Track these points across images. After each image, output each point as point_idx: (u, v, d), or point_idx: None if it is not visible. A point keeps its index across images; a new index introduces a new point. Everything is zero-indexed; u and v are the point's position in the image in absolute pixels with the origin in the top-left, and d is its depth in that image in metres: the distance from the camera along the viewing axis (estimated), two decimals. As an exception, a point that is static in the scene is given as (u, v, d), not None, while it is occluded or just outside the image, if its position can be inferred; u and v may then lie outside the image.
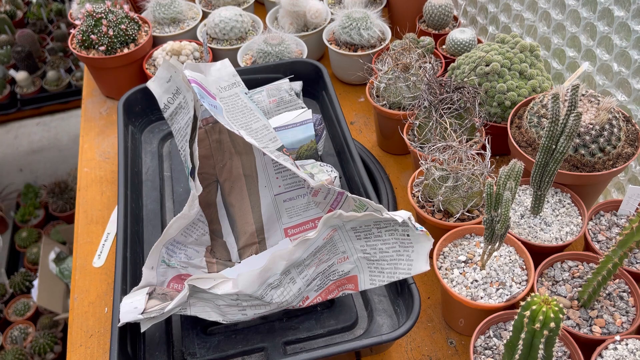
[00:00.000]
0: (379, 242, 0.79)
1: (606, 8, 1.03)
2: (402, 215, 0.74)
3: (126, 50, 1.35)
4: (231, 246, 0.99)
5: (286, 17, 1.47)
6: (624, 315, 0.81)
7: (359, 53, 1.34)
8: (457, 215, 0.93)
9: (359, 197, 0.84)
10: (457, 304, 0.86)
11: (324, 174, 0.99)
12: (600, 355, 0.77)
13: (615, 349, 0.77)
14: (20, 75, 2.54)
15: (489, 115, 1.11)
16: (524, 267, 0.87)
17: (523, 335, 0.67)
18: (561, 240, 0.91)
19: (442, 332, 0.94)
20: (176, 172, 1.15)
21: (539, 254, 0.88)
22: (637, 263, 0.89)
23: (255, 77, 1.22)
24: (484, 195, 0.90)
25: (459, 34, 1.29)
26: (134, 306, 0.80)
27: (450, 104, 1.01)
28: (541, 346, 0.66)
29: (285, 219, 0.98)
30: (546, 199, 0.96)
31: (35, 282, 2.01)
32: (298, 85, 1.19)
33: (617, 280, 0.85)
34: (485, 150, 0.94)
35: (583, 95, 0.98)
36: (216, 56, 1.45)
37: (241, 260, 0.97)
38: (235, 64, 1.38)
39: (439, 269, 0.88)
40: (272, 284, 0.75)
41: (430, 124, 1.02)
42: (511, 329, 0.70)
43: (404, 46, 1.16)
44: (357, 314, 0.88)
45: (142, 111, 1.24)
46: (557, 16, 1.16)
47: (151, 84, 1.20)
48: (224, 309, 0.79)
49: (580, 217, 0.94)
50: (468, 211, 0.94)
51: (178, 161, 1.18)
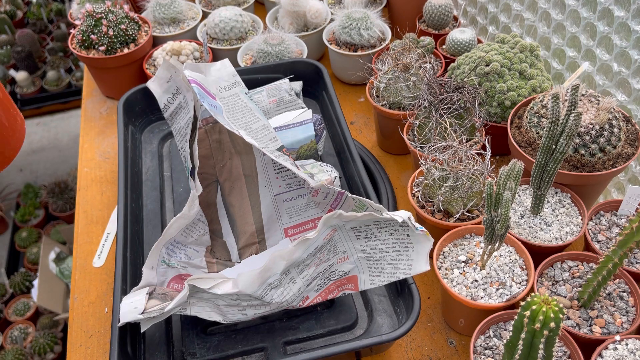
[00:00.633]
0: (379, 242, 0.79)
1: (606, 8, 1.03)
2: (402, 215, 0.74)
3: (126, 50, 1.35)
4: (231, 246, 0.99)
5: (286, 17, 1.46)
6: (624, 315, 0.81)
7: (359, 53, 1.34)
8: (457, 215, 0.93)
9: (359, 197, 0.84)
10: (457, 304, 0.86)
11: (324, 174, 0.99)
12: (600, 355, 0.77)
13: (615, 349, 0.77)
14: (20, 75, 2.54)
15: (489, 115, 1.11)
16: (524, 267, 0.87)
17: (523, 335, 0.67)
18: (561, 240, 0.91)
19: (442, 332, 0.94)
20: (176, 172, 1.15)
21: (539, 254, 0.88)
22: (637, 263, 0.89)
23: (255, 77, 1.22)
24: (484, 195, 0.90)
25: (459, 34, 1.29)
26: (134, 306, 0.80)
27: (450, 104, 1.01)
28: (541, 346, 0.66)
29: (285, 219, 0.98)
30: (546, 199, 0.96)
31: (35, 282, 2.01)
32: (298, 85, 1.19)
33: (617, 280, 0.85)
34: (485, 150, 0.94)
35: (583, 95, 0.98)
36: (216, 56, 1.45)
37: (241, 260, 0.97)
38: (235, 64, 1.38)
39: (439, 269, 0.88)
40: (272, 284, 0.75)
41: (430, 124, 1.02)
42: (511, 329, 0.70)
43: (404, 46, 1.16)
44: (357, 314, 0.88)
45: (142, 111, 1.24)
46: (557, 16, 1.16)
47: (151, 84, 1.20)
48: (224, 309, 0.79)
49: (580, 217, 0.94)
50: (468, 211, 0.94)
51: (178, 161, 1.18)
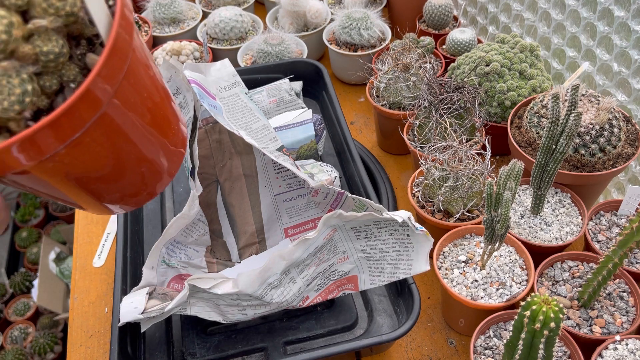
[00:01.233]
0: (379, 242, 0.79)
1: (606, 8, 1.03)
2: (402, 215, 0.74)
3: (126, 50, 1.35)
4: (231, 246, 0.99)
5: (286, 17, 1.46)
6: (624, 315, 0.81)
7: (359, 53, 1.34)
8: (457, 215, 0.93)
9: (358, 197, 0.84)
10: (457, 304, 0.86)
11: (324, 174, 0.99)
12: (600, 355, 0.77)
13: (616, 349, 0.77)
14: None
15: (489, 115, 1.11)
16: (524, 267, 0.87)
17: (523, 335, 0.67)
18: (561, 240, 0.91)
19: (442, 332, 0.94)
20: (176, 172, 1.15)
21: (539, 254, 0.88)
22: (637, 263, 0.89)
23: (256, 77, 1.22)
24: (484, 195, 0.90)
25: (459, 34, 1.29)
26: (134, 306, 0.80)
27: (450, 104, 1.01)
28: (541, 346, 0.66)
29: (285, 219, 0.98)
30: (546, 199, 0.96)
31: (36, 282, 2.01)
32: (298, 85, 1.19)
33: (617, 280, 0.85)
34: (485, 150, 0.94)
35: (583, 95, 0.98)
36: (216, 56, 1.45)
37: (241, 260, 0.97)
38: (235, 64, 1.38)
39: (439, 269, 0.88)
40: (272, 284, 0.75)
41: (430, 124, 1.02)
42: (511, 329, 0.70)
43: (404, 46, 1.16)
44: (357, 314, 0.88)
45: (142, 111, 1.24)
46: (557, 16, 1.16)
47: (151, 84, 1.20)
48: (224, 308, 0.79)
49: (580, 217, 0.94)
50: (468, 211, 0.94)
51: (178, 161, 1.17)
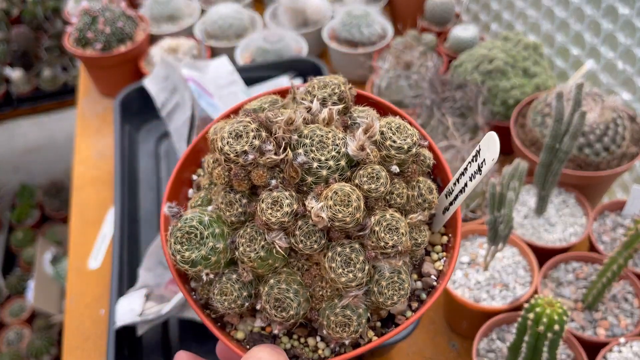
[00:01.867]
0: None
1: (610, 5, 1.01)
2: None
3: (123, 48, 1.33)
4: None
5: (285, 13, 1.45)
6: (628, 317, 0.80)
7: (360, 51, 1.33)
8: (460, 216, 0.92)
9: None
10: (459, 306, 0.85)
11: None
12: (604, 357, 0.76)
13: (620, 351, 0.76)
14: (16, 74, 2.52)
15: (492, 114, 1.09)
16: (528, 268, 0.85)
17: (527, 338, 0.66)
18: (565, 241, 0.89)
19: (444, 335, 0.92)
20: (174, 171, 1.14)
21: (542, 255, 0.87)
22: (642, 264, 0.88)
23: (254, 74, 1.20)
24: (487, 195, 0.89)
25: (462, 32, 1.27)
26: (131, 308, 0.79)
27: (453, 103, 1.00)
28: (545, 349, 0.65)
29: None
30: (550, 199, 0.95)
31: (31, 283, 1.99)
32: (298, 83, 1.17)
33: (621, 282, 0.84)
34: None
35: (587, 93, 0.97)
36: (214, 54, 1.43)
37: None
38: (234, 61, 1.36)
39: (442, 270, 0.86)
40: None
41: (432, 123, 1.01)
42: (514, 331, 0.68)
43: (406, 44, 1.15)
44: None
45: (139, 110, 1.22)
46: (561, 13, 1.15)
47: (148, 82, 1.18)
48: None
49: (584, 218, 0.93)
50: (471, 211, 0.93)
51: (175, 161, 1.16)
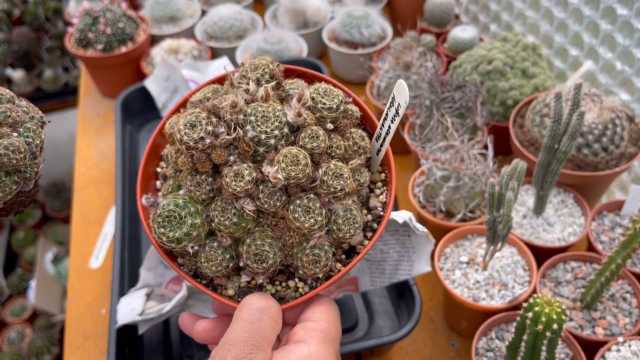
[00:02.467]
0: (380, 243, 0.78)
1: (609, 6, 1.02)
2: (403, 215, 0.73)
3: (124, 49, 1.34)
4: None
5: (286, 14, 1.45)
6: (627, 317, 0.81)
7: (360, 51, 1.33)
8: (459, 216, 0.92)
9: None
10: (458, 305, 0.85)
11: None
12: (603, 357, 0.76)
13: (619, 350, 0.76)
14: (17, 74, 2.53)
15: (491, 115, 1.10)
16: (527, 268, 0.86)
17: (525, 337, 0.66)
18: (564, 240, 0.90)
19: (444, 334, 0.93)
20: (174, 171, 1.14)
21: (541, 254, 0.87)
22: (640, 264, 0.88)
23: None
24: (486, 195, 0.89)
25: (461, 32, 1.28)
26: (132, 307, 0.79)
27: (452, 103, 1.00)
28: (544, 348, 0.65)
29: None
30: (549, 199, 0.95)
31: (32, 283, 2.00)
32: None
33: (620, 282, 0.84)
34: (487, 150, 0.93)
35: (586, 94, 0.97)
36: (215, 54, 1.43)
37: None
38: (234, 62, 1.37)
39: (441, 270, 0.87)
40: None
41: (432, 123, 1.01)
42: (513, 330, 0.69)
43: (405, 44, 1.15)
44: (358, 316, 0.87)
45: (140, 110, 1.23)
46: (560, 14, 1.15)
47: (149, 83, 1.19)
48: (222, 310, 0.78)
49: (583, 217, 0.93)
50: (470, 211, 0.93)
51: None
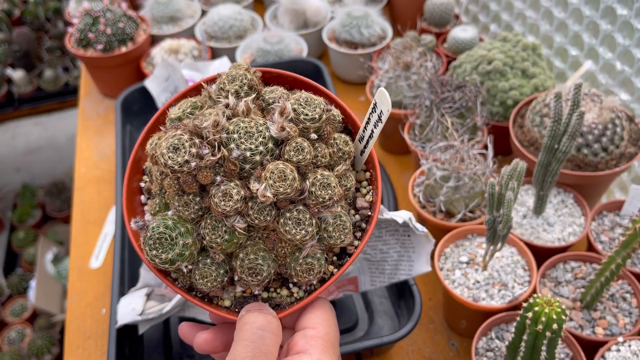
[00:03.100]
0: (380, 243, 0.78)
1: (609, 6, 1.02)
2: (402, 215, 0.73)
3: (124, 49, 1.34)
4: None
5: (286, 15, 1.45)
6: (627, 317, 0.81)
7: (360, 51, 1.33)
8: (459, 216, 0.92)
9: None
10: (458, 305, 0.85)
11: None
12: (603, 357, 0.76)
13: (619, 350, 0.76)
14: (18, 74, 2.53)
15: (491, 115, 1.10)
16: (527, 268, 0.86)
17: (525, 337, 0.66)
18: (564, 240, 0.90)
19: (444, 334, 0.93)
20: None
21: (541, 254, 0.87)
22: (640, 264, 0.88)
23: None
24: (486, 195, 0.89)
25: (461, 33, 1.28)
26: (132, 307, 0.79)
27: (452, 103, 1.00)
28: (543, 348, 0.65)
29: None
30: (549, 199, 0.95)
31: (33, 283, 2.00)
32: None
33: (620, 282, 0.84)
34: (487, 150, 0.93)
35: (586, 94, 0.97)
36: (215, 54, 1.44)
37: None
38: (234, 62, 1.37)
39: (441, 269, 0.87)
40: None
41: (432, 123, 1.01)
42: (513, 330, 0.69)
43: (405, 45, 1.15)
44: (358, 316, 0.87)
45: (140, 110, 1.23)
46: (560, 14, 1.15)
47: (149, 83, 1.19)
48: (222, 310, 0.78)
49: (583, 217, 0.93)
50: (470, 211, 0.93)
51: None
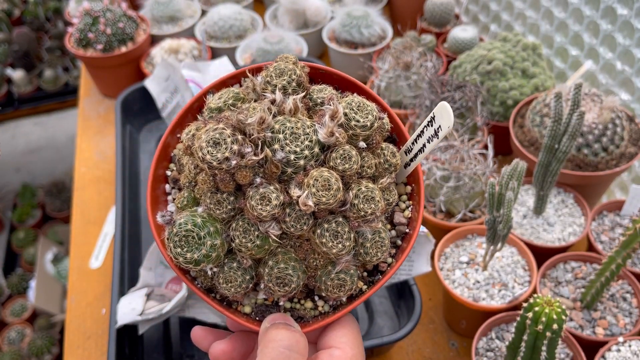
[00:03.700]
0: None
1: (609, 6, 1.02)
2: (403, 215, 0.73)
3: (124, 49, 1.34)
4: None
5: (286, 14, 1.45)
6: (627, 317, 0.81)
7: (360, 51, 1.33)
8: (459, 216, 0.92)
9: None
10: (458, 305, 0.85)
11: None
12: (603, 357, 0.76)
13: (619, 350, 0.76)
14: (18, 74, 2.53)
15: (491, 114, 1.10)
16: (527, 268, 0.86)
17: (525, 337, 0.66)
18: (564, 240, 0.90)
19: (444, 334, 0.93)
20: (174, 171, 1.14)
21: (541, 254, 0.87)
22: (640, 264, 0.88)
23: (255, 75, 1.21)
24: (486, 195, 0.89)
25: (461, 33, 1.28)
26: (132, 307, 0.79)
27: (452, 103, 1.00)
28: (544, 348, 0.65)
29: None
30: (549, 199, 0.95)
31: (33, 283, 2.00)
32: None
33: (620, 282, 0.84)
34: (487, 150, 0.93)
35: (586, 94, 0.97)
36: (215, 54, 1.43)
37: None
38: (234, 62, 1.37)
39: (441, 270, 0.87)
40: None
41: (432, 123, 1.01)
42: (513, 330, 0.69)
43: (405, 44, 1.15)
44: (358, 316, 0.87)
45: (140, 110, 1.22)
46: (560, 14, 1.15)
47: (149, 83, 1.19)
48: (223, 310, 0.78)
49: (583, 217, 0.93)
50: (470, 211, 0.93)
51: (176, 161, 1.16)
